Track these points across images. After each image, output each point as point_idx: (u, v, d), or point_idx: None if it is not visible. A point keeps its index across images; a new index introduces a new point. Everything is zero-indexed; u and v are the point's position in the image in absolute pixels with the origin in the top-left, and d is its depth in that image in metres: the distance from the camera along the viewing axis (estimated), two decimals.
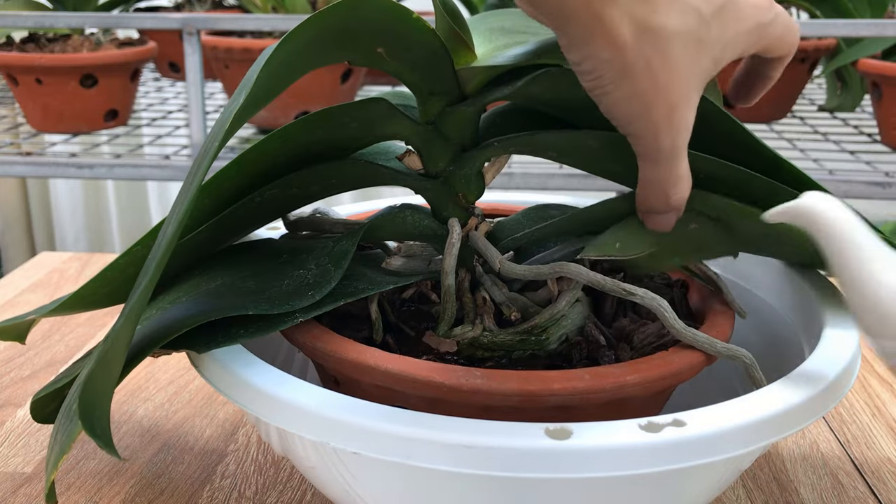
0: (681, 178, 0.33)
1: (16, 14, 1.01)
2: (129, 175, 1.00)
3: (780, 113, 1.11)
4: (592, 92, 0.31)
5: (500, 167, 0.40)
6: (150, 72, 1.47)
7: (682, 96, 0.31)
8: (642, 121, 0.31)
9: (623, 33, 0.30)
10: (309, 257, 0.37)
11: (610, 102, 0.31)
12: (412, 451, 0.29)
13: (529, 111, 0.39)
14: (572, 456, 0.29)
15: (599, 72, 0.30)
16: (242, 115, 0.30)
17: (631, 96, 0.31)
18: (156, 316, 0.35)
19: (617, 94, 0.31)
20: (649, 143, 0.32)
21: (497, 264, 0.37)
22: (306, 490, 0.45)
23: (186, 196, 0.30)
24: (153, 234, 0.37)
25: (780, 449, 0.49)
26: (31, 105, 1.06)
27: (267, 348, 0.41)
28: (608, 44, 0.30)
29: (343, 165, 0.38)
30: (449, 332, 0.36)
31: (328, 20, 0.31)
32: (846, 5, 1.05)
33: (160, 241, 0.31)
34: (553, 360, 0.37)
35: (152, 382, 0.55)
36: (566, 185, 0.97)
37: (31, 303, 0.68)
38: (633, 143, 0.33)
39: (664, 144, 0.32)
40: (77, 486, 0.45)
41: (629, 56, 0.30)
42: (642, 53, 0.30)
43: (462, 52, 0.35)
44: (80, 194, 2.03)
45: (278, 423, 0.32)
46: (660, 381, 0.34)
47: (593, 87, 0.31)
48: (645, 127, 0.32)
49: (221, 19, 0.98)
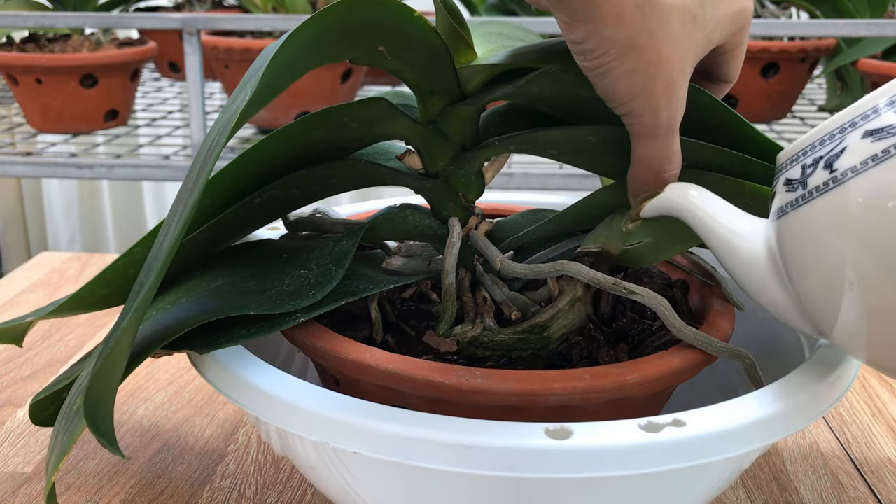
0: (675, 154, 0.34)
1: (16, 14, 1.01)
2: (129, 175, 1.00)
3: (781, 113, 1.11)
4: (594, 71, 0.32)
5: (499, 166, 0.40)
6: (150, 72, 1.47)
7: (679, 70, 0.32)
8: (644, 95, 0.32)
9: (625, 6, 0.30)
10: (310, 257, 0.37)
11: (612, 79, 0.31)
12: (412, 451, 0.29)
13: (529, 111, 0.39)
14: (572, 456, 0.29)
15: (603, 48, 0.31)
16: (246, 113, 0.30)
17: (634, 70, 0.31)
18: (156, 316, 0.35)
19: (620, 70, 0.31)
20: (648, 119, 0.33)
21: (497, 263, 0.37)
22: (306, 490, 0.45)
23: (191, 195, 0.30)
24: (153, 236, 0.37)
25: (780, 449, 0.49)
26: (31, 105, 1.06)
27: (267, 348, 0.41)
28: (611, 18, 0.30)
29: (343, 165, 0.38)
30: (449, 332, 0.36)
31: (330, 18, 0.31)
32: (846, 5, 1.05)
33: (163, 241, 0.31)
34: (553, 360, 0.37)
35: (152, 382, 0.55)
36: (566, 185, 0.97)
37: (31, 303, 0.68)
38: (630, 121, 0.33)
39: (662, 119, 0.33)
40: (77, 486, 0.45)
41: (632, 29, 0.30)
42: (645, 26, 0.30)
43: (463, 51, 0.35)
44: (75, 195, 2.02)
45: (278, 423, 0.32)
46: (660, 380, 0.34)
47: (596, 65, 0.31)
48: (645, 102, 0.32)
49: (221, 19, 0.98)
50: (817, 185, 0.29)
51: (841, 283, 0.29)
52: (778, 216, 0.31)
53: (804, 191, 0.30)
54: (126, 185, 2.02)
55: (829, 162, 0.29)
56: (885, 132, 0.28)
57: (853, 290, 0.29)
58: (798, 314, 0.32)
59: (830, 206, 0.29)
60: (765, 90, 1.06)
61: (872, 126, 0.28)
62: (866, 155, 0.28)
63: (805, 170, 0.30)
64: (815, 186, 0.29)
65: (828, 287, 0.30)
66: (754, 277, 0.33)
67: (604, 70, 0.31)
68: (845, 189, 0.28)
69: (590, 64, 0.31)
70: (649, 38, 0.30)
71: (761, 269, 0.32)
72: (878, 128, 0.28)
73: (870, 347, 0.30)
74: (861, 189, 0.28)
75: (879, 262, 0.28)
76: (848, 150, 0.29)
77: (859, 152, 0.28)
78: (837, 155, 0.29)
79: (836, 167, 0.29)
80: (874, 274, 0.28)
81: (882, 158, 0.28)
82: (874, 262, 0.28)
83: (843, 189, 0.28)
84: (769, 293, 0.33)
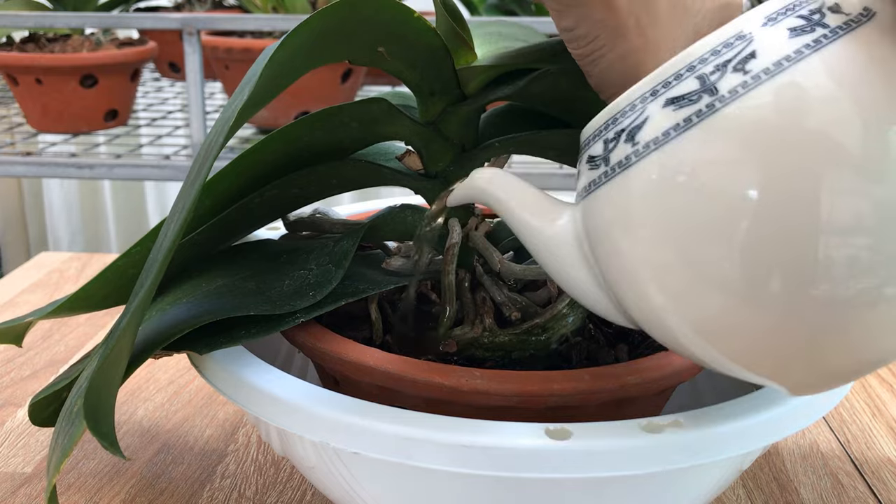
0: None
1: (16, 14, 1.01)
2: (129, 175, 1.00)
3: None
4: (587, 59, 0.32)
5: (500, 167, 0.40)
6: (150, 72, 1.47)
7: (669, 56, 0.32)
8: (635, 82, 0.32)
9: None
10: (309, 257, 0.37)
11: (604, 65, 0.32)
12: (412, 451, 0.29)
13: (529, 111, 0.39)
14: (572, 456, 0.29)
15: (594, 33, 0.31)
16: (245, 113, 0.30)
17: (625, 55, 0.31)
18: (156, 317, 0.35)
19: (611, 56, 0.31)
20: None
21: (497, 264, 0.37)
22: (306, 490, 0.45)
23: (189, 195, 0.30)
24: (152, 236, 0.37)
25: (780, 449, 0.49)
26: (31, 105, 1.06)
27: (267, 348, 0.41)
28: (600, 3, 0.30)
29: (343, 166, 0.38)
30: (449, 333, 0.36)
31: (330, 19, 0.31)
32: None
33: (162, 241, 0.31)
34: (553, 361, 0.37)
35: (152, 383, 0.55)
36: (566, 185, 0.97)
37: (31, 303, 0.68)
38: None
39: None
40: (77, 486, 0.45)
41: (622, 13, 0.30)
42: (633, 10, 0.30)
43: (463, 52, 0.35)
44: (76, 195, 2.02)
45: (278, 423, 0.32)
46: (660, 381, 0.34)
47: (588, 51, 0.31)
48: None
49: (221, 19, 0.98)
50: (619, 160, 0.27)
51: (640, 265, 0.27)
52: (582, 196, 0.29)
53: (606, 167, 0.28)
54: (127, 185, 2.01)
55: (632, 134, 0.27)
56: (686, 99, 0.26)
57: (650, 272, 0.27)
58: (605, 297, 0.30)
59: (633, 182, 0.27)
60: None
61: (672, 94, 0.27)
62: (667, 125, 0.26)
63: (607, 145, 0.28)
64: (617, 162, 0.27)
65: (628, 270, 0.28)
66: (557, 259, 0.31)
67: (596, 56, 0.31)
68: (648, 162, 0.26)
69: (582, 51, 0.32)
70: (637, 22, 0.30)
71: (564, 251, 0.30)
72: (678, 96, 0.26)
73: (672, 331, 0.28)
74: (657, 164, 0.26)
75: (673, 245, 0.26)
76: (649, 120, 0.27)
77: (660, 123, 0.26)
78: (639, 127, 0.27)
79: (637, 140, 0.27)
80: (668, 257, 0.26)
81: (684, 128, 0.26)
82: (668, 245, 0.26)
83: (645, 162, 0.27)
84: (573, 275, 0.30)
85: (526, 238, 0.32)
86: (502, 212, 0.32)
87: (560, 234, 0.31)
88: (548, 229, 0.31)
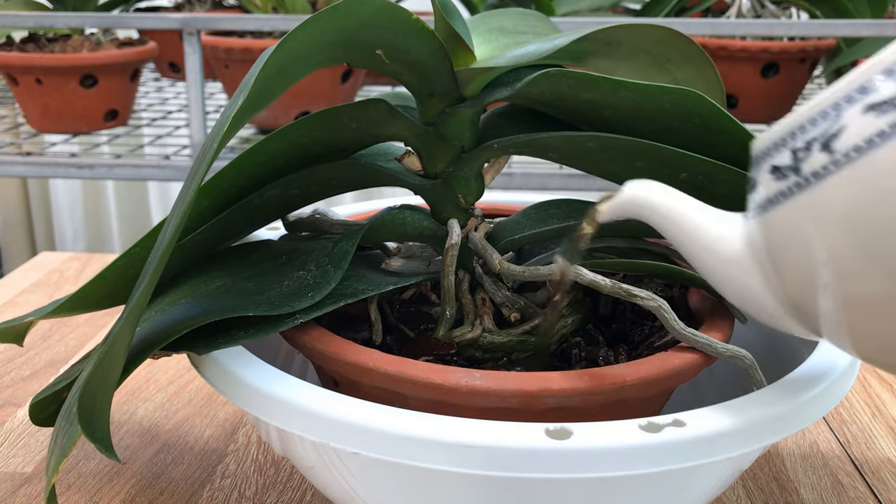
0: None
1: (16, 14, 1.01)
2: (130, 175, 1.00)
3: (781, 113, 1.11)
4: None
5: (499, 168, 0.40)
6: (150, 72, 1.47)
7: None
8: None
9: None
10: (309, 258, 0.37)
11: None
12: (412, 451, 0.29)
13: (529, 112, 0.39)
14: (572, 456, 0.29)
15: None
16: (241, 117, 0.30)
17: None
18: (155, 318, 0.35)
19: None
20: None
21: (496, 265, 0.37)
22: (306, 490, 0.45)
23: (185, 198, 0.30)
24: (152, 236, 0.37)
25: (780, 449, 0.49)
26: (31, 105, 1.06)
27: (267, 349, 0.41)
28: None
29: (342, 166, 0.38)
30: (448, 334, 0.36)
31: (327, 21, 0.31)
32: (846, 5, 1.05)
33: (159, 242, 0.31)
34: (552, 361, 0.37)
35: (152, 383, 0.55)
36: (566, 185, 0.97)
37: (31, 303, 0.68)
38: None
39: None
40: (77, 486, 0.45)
41: None
42: None
43: (461, 54, 0.35)
44: (80, 194, 2.02)
45: (278, 423, 0.32)
46: (659, 381, 0.34)
47: None
48: None
49: (221, 19, 0.98)
50: (814, 170, 0.26)
51: (849, 274, 0.26)
52: (764, 209, 0.28)
53: (798, 178, 0.27)
54: (130, 185, 2.02)
55: (827, 143, 0.26)
56: (889, 105, 0.25)
57: (858, 280, 0.26)
58: (786, 314, 0.30)
59: (833, 192, 0.26)
60: (765, 90, 1.06)
61: (872, 100, 0.25)
62: (871, 132, 0.25)
63: (796, 154, 0.27)
64: (812, 172, 0.26)
65: (819, 280, 0.27)
66: (734, 278, 0.30)
67: None
68: (851, 172, 0.25)
69: None
70: None
71: (742, 268, 0.30)
72: (880, 101, 0.25)
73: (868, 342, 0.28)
74: (868, 171, 0.25)
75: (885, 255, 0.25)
76: (847, 128, 0.26)
77: (861, 130, 0.25)
78: (836, 135, 0.26)
79: (834, 148, 0.26)
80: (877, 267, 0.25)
81: (890, 134, 0.25)
82: (879, 255, 0.25)
83: (847, 172, 0.25)
84: (752, 293, 0.30)
85: (695, 256, 0.31)
86: (665, 228, 0.30)
87: (736, 250, 0.30)
88: (721, 246, 0.30)
